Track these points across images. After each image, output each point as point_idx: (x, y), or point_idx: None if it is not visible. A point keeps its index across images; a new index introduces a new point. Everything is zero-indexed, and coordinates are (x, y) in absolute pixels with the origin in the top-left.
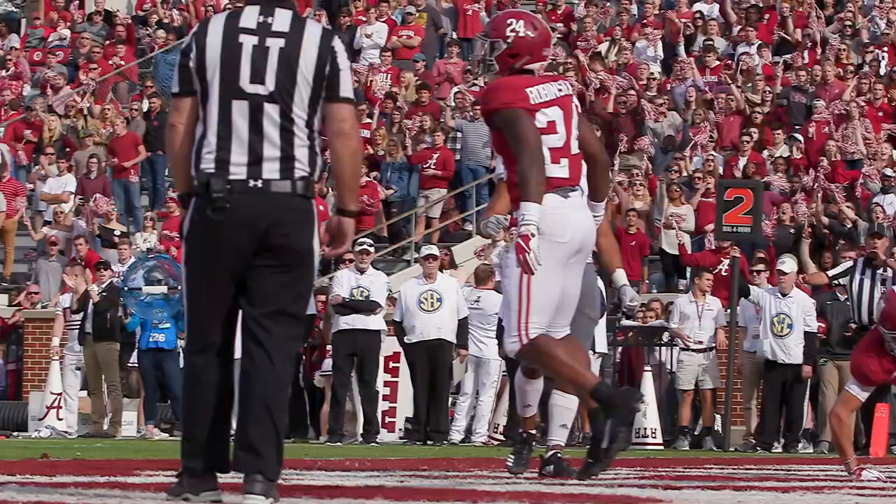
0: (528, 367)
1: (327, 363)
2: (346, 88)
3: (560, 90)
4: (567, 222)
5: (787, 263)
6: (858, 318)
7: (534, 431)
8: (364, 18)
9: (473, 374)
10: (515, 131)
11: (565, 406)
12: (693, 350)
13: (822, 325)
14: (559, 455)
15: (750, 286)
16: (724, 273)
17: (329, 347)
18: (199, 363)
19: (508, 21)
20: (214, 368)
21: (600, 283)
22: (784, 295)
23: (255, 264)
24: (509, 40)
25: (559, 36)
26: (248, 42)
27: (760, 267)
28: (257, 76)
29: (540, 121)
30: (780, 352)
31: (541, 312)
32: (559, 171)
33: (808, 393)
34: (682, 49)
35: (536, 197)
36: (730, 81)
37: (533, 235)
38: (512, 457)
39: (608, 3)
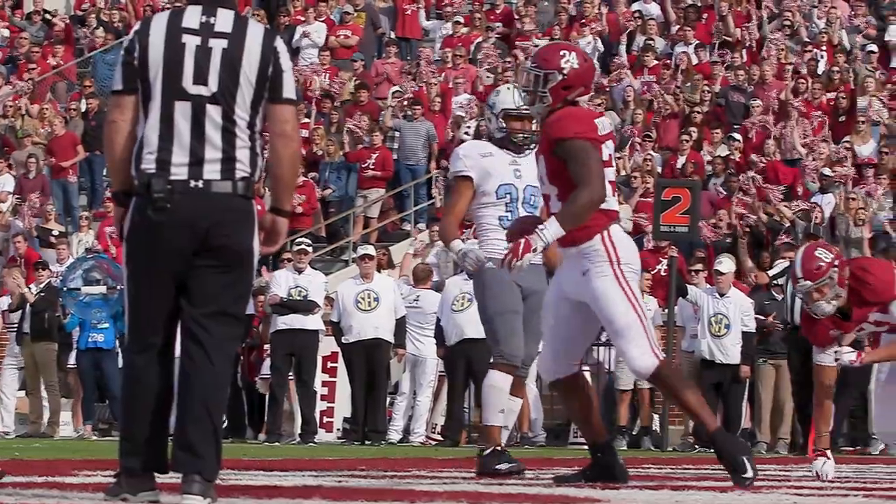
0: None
1: (266, 366)
2: (289, 90)
3: (611, 124)
4: (636, 253)
5: (725, 263)
6: (792, 318)
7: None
8: (303, 18)
9: (410, 374)
10: (585, 163)
11: (510, 409)
12: None
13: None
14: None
15: (688, 286)
16: (662, 273)
17: (267, 348)
18: (140, 363)
19: (562, 53)
20: (155, 368)
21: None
22: (722, 295)
23: (196, 264)
24: (564, 72)
25: (497, 36)
26: (191, 42)
27: (698, 266)
28: (200, 77)
29: (604, 154)
30: (718, 352)
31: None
32: (615, 203)
33: (745, 393)
34: (623, 48)
35: (570, 227)
36: (669, 82)
37: (535, 251)
38: (504, 465)
39: (545, 2)
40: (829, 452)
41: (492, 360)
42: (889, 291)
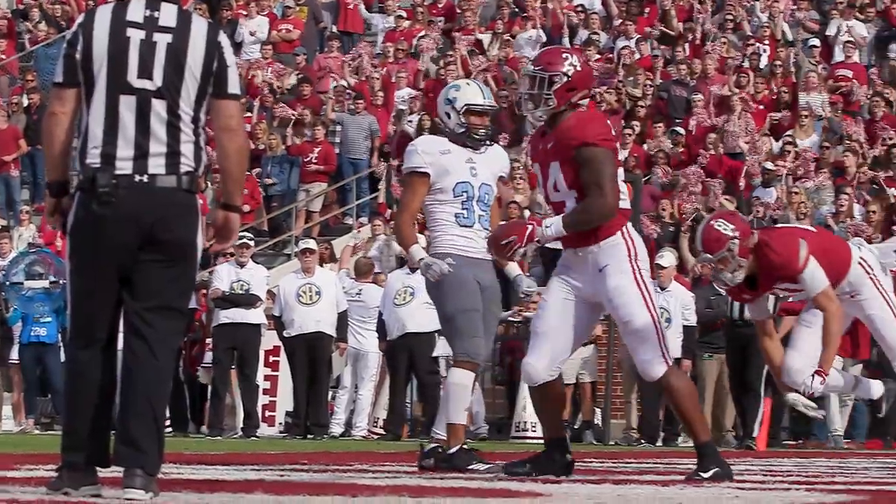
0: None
1: (208, 356)
2: (234, 85)
3: (614, 127)
4: (645, 251)
5: (666, 257)
6: (731, 311)
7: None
8: (245, 12)
9: (352, 368)
10: (603, 170)
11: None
12: None
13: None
14: (441, 448)
15: None
16: None
17: (209, 341)
18: (84, 358)
19: (564, 55)
20: (98, 363)
21: None
22: (663, 289)
23: (140, 259)
24: (569, 74)
25: (441, 29)
26: (136, 36)
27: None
28: (145, 71)
29: (618, 157)
30: None
31: None
32: (628, 202)
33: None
34: (566, 41)
35: (574, 231)
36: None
37: (539, 243)
38: (481, 465)
39: None
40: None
41: (454, 359)
42: (791, 265)
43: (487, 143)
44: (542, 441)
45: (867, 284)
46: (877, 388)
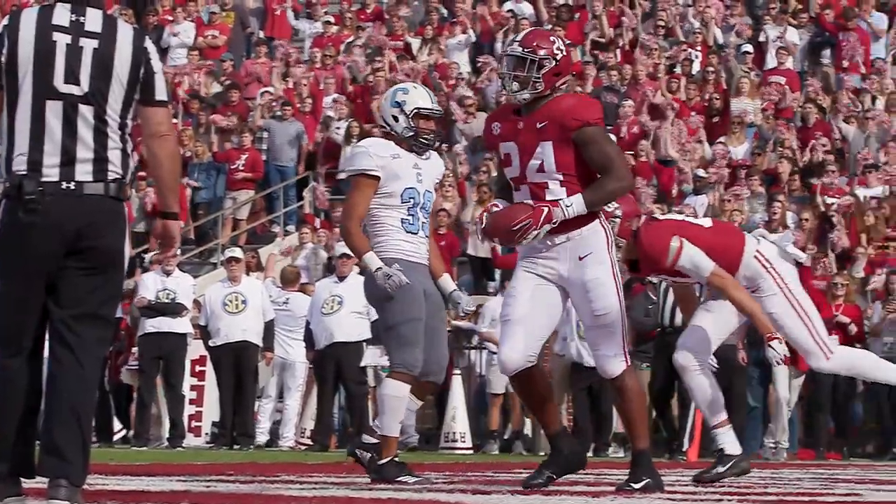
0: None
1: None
2: (161, 91)
3: None
4: None
5: None
6: (661, 319)
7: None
8: (171, 18)
9: (278, 377)
10: (612, 147)
11: (409, 410)
12: None
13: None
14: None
15: None
16: None
17: (134, 350)
18: (14, 366)
19: (552, 38)
20: (26, 371)
21: None
22: None
23: (66, 266)
24: (557, 58)
25: (370, 35)
26: (62, 41)
27: None
28: (72, 76)
29: None
30: (587, 354)
31: None
32: None
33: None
34: (499, 46)
35: (594, 209)
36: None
37: (554, 223)
38: (412, 478)
39: (416, 2)
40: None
41: (391, 369)
42: (659, 261)
43: (434, 147)
44: (470, 451)
45: (765, 278)
46: (732, 445)
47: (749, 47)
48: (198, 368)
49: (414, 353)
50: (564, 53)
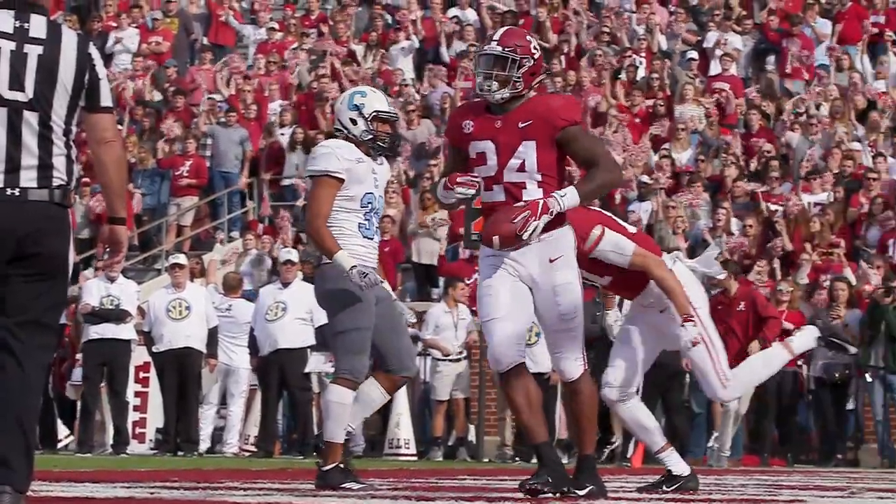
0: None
1: (77, 373)
2: (106, 97)
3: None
4: None
5: None
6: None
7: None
8: (115, 24)
9: (220, 383)
10: (599, 144)
11: (371, 401)
12: (450, 360)
13: None
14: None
15: None
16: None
17: (79, 357)
18: None
19: (529, 38)
20: None
21: None
22: None
23: (9, 273)
24: (535, 57)
25: (314, 42)
26: (6, 47)
27: None
28: (16, 82)
29: None
30: (528, 360)
31: None
32: None
33: (558, 400)
34: (444, 50)
35: (585, 202)
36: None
37: (551, 215)
38: (357, 484)
39: (360, 8)
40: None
41: (336, 374)
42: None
43: (391, 151)
44: (414, 457)
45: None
46: (679, 466)
47: (694, 54)
48: (142, 375)
49: (362, 361)
50: (540, 53)
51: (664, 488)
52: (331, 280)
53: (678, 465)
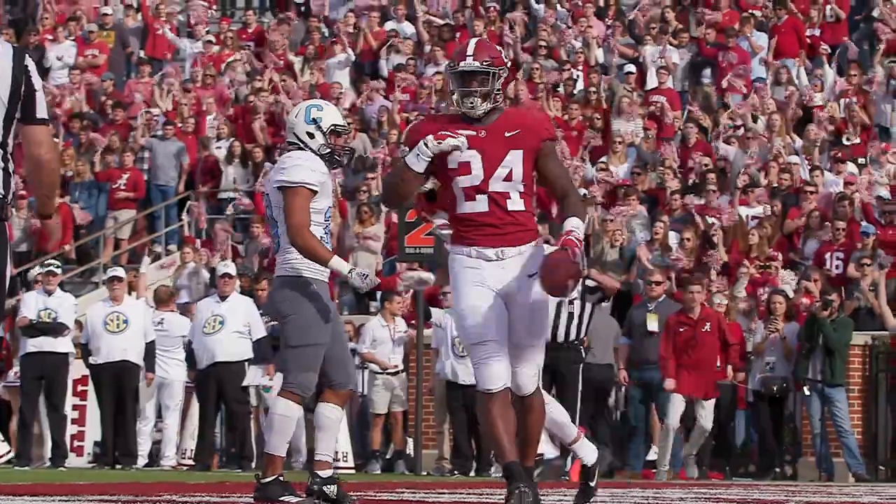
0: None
1: (10, 375)
2: (42, 110)
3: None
4: None
5: None
6: (555, 336)
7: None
8: (51, 37)
9: (155, 397)
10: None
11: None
12: (387, 374)
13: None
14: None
15: (431, 309)
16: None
17: (16, 368)
18: None
19: (498, 48)
20: None
21: None
22: None
23: None
24: (507, 66)
25: (253, 54)
26: None
27: (447, 289)
28: None
29: None
30: (462, 373)
31: None
32: None
33: None
34: (382, 64)
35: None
36: (426, 101)
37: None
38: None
39: (296, 21)
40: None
41: (284, 387)
42: None
43: (346, 164)
44: (352, 470)
45: None
46: (590, 453)
47: (632, 67)
48: (80, 388)
49: (312, 377)
50: (508, 60)
51: (590, 484)
52: (290, 293)
53: (590, 454)
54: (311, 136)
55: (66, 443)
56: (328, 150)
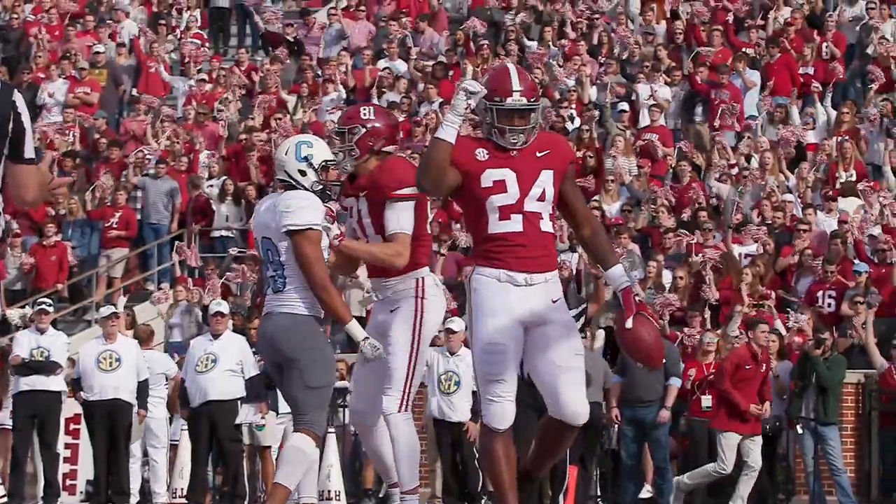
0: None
1: (2, 416)
2: (30, 149)
3: None
4: None
5: (457, 322)
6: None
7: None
8: (43, 75)
9: (142, 435)
10: None
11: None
12: None
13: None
14: None
15: None
16: None
17: (7, 406)
18: None
19: (531, 78)
20: None
21: None
22: (452, 353)
23: None
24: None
25: (243, 92)
26: None
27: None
28: None
29: None
30: (447, 409)
31: None
32: None
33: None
34: (375, 101)
35: None
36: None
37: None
38: None
39: (289, 60)
40: None
41: (302, 425)
42: None
43: (336, 200)
44: None
45: None
46: None
47: (625, 105)
48: (72, 426)
49: (324, 416)
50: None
51: None
52: (303, 333)
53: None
54: (303, 173)
55: (58, 481)
56: (320, 187)
